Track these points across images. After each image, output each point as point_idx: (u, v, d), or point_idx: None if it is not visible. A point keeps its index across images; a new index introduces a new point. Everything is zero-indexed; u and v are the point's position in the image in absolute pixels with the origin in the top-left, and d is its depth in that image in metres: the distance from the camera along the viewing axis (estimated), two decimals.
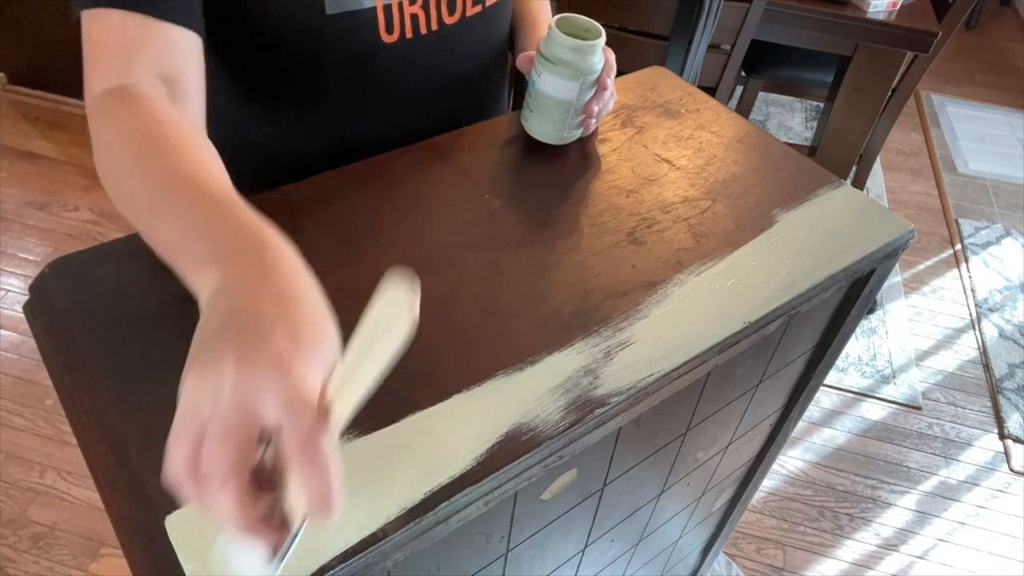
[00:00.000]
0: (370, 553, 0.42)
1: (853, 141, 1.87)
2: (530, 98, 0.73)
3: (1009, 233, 2.45)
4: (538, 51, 0.70)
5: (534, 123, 0.74)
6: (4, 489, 1.51)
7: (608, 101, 0.74)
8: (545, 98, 0.71)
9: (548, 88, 0.70)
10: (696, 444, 0.76)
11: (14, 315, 1.84)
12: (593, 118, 0.73)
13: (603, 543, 0.78)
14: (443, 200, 0.67)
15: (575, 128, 0.74)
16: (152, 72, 0.55)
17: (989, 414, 1.89)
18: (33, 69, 2.48)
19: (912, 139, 2.88)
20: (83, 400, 0.51)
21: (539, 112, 0.73)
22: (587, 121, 0.73)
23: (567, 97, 0.70)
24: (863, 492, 1.69)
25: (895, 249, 0.69)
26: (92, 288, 0.56)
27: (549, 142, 0.75)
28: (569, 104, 0.71)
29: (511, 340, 0.55)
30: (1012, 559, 1.60)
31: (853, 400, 1.88)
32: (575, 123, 0.73)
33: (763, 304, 0.60)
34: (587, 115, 0.72)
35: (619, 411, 0.53)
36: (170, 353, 0.52)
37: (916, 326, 2.10)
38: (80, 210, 2.16)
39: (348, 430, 0.48)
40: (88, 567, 1.41)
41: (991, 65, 3.39)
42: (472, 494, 0.46)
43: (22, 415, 1.64)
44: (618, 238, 0.65)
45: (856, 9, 1.64)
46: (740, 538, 1.58)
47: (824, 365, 0.83)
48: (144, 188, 0.48)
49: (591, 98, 0.71)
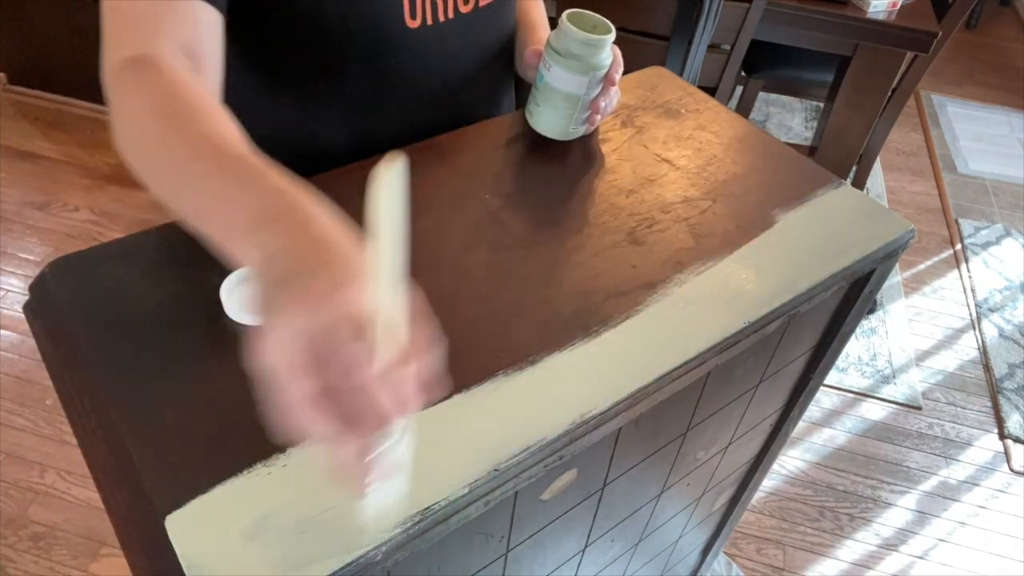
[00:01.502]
0: (369, 553, 0.42)
1: (853, 141, 1.87)
2: (537, 92, 0.74)
3: (1009, 233, 2.45)
4: (548, 44, 0.71)
5: (540, 118, 0.74)
6: (4, 489, 1.51)
7: (613, 98, 0.75)
8: (554, 91, 0.72)
9: (558, 81, 0.71)
10: (696, 444, 0.76)
11: (14, 315, 1.84)
12: (599, 114, 0.73)
13: (603, 543, 0.78)
14: (444, 200, 0.67)
15: (581, 124, 0.74)
16: (176, 44, 0.55)
17: (989, 414, 1.89)
18: (33, 69, 2.48)
19: (912, 139, 2.88)
20: (83, 400, 0.51)
21: (546, 106, 0.73)
22: (592, 117, 0.73)
23: (576, 91, 0.71)
24: (863, 492, 1.69)
25: (895, 249, 0.69)
26: (92, 288, 0.56)
27: (554, 137, 0.75)
28: (577, 98, 0.71)
29: (511, 340, 0.55)
30: (1012, 559, 1.60)
31: (853, 400, 1.88)
32: (581, 119, 0.73)
33: (763, 304, 0.60)
34: (593, 111, 0.73)
35: (619, 411, 0.53)
36: (170, 353, 0.52)
37: (916, 326, 2.10)
38: (80, 210, 2.16)
39: None
40: (88, 567, 1.41)
41: (991, 65, 3.39)
42: (472, 494, 0.46)
43: (22, 415, 1.64)
44: (618, 238, 0.65)
45: (856, 9, 1.64)
46: (740, 538, 1.58)
47: (824, 365, 0.83)
48: (170, 154, 0.48)
49: (598, 94, 0.72)
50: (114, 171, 2.31)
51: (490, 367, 0.53)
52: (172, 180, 0.48)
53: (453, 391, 0.51)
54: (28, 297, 0.58)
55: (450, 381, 0.51)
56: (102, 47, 0.56)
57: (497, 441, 0.48)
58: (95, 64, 0.57)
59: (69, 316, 0.54)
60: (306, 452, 0.47)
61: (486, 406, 0.50)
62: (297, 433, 0.35)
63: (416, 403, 0.37)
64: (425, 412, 0.50)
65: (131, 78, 0.52)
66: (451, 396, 0.51)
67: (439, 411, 0.50)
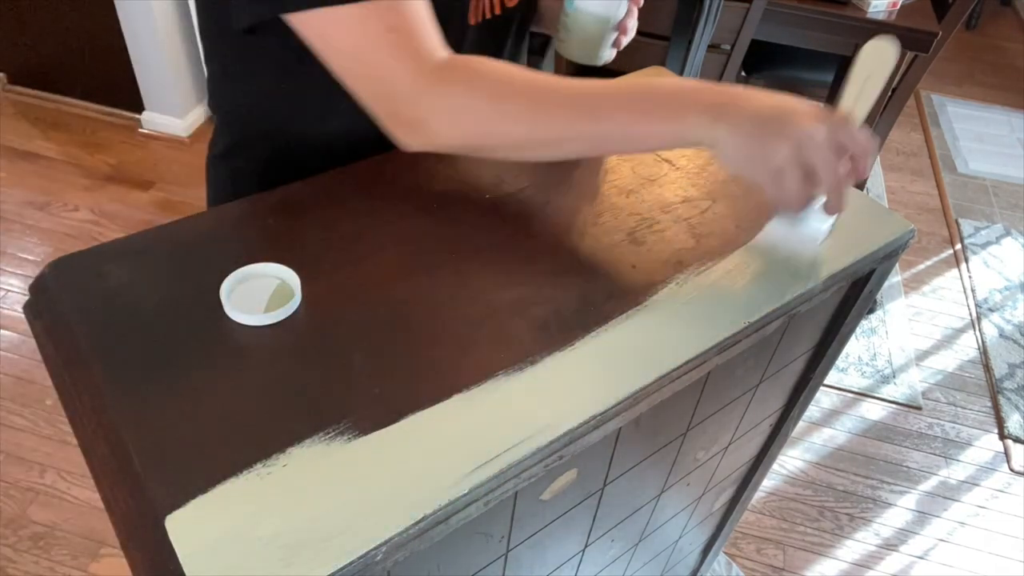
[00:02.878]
0: (370, 553, 0.42)
1: None
2: (567, 20, 0.75)
3: (1009, 233, 2.45)
4: None
5: (572, 47, 0.76)
6: (4, 489, 1.52)
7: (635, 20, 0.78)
8: (586, 16, 0.74)
9: (591, 5, 0.73)
10: (696, 444, 0.76)
11: (14, 315, 1.85)
12: (625, 35, 0.75)
13: (603, 543, 0.78)
14: (444, 200, 0.67)
15: (608, 45, 0.76)
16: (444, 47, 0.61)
17: (989, 414, 1.89)
18: (33, 69, 2.48)
19: (912, 139, 2.88)
20: (83, 400, 0.51)
21: (578, 33, 0.75)
22: (619, 39, 0.76)
23: (608, 13, 0.73)
24: (863, 492, 1.69)
25: (895, 249, 0.69)
26: (92, 288, 0.56)
27: (585, 63, 0.77)
28: (608, 20, 0.74)
29: (511, 340, 0.55)
30: (1012, 559, 1.60)
31: (853, 400, 1.88)
32: (609, 39, 0.75)
33: (763, 304, 0.60)
34: (620, 32, 0.75)
35: (619, 411, 0.53)
36: (170, 353, 0.52)
37: (916, 326, 2.10)
38: (80, 210, 2.16)
39: (346, 431, 0.48)
40: (88, 567, 1.41)
41: (991, 65, 3.39)
42: (472, 494, 0.46)
43: (22, 415, 1.65)
44: (618, 238, 0.65)
45: (856, 9, 1.64)
46: (740, 538, 1.58)
47: (824, 365, 0.83)
48: (570, 107, 0.58)
49: (625, 15, 0.74)
50: (114, 171, 2.31)
51: (490, 367, 0.53)
52: (585, 124, 0.59)
53: (453, 391, 0.51)
54: (28, 297, 0.58)
55: (449, 381, 0.51)
56: (399, 64, 0.58)
57: (497, 441, 0.48)
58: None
59: (69, 316, 0.54)
60: (305, 451, 0.47)
61: (486, 406, 0.50)
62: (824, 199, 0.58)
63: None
64: (425, 412, 0.50)
65: (462, 76, 0.59)
66: (451, 396, 0.51)
67: (439, 411, 0.50)
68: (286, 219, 0.63)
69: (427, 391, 0.51)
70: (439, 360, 0.53)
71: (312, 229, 0.62)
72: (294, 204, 0.65)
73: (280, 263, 0.58)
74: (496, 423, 0.49)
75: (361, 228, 0.63)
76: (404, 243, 0.62)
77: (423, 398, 0.50)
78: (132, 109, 2.45)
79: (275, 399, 0.49)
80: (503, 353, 0.54)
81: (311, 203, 0.65)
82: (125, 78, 2.35)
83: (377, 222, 0.64)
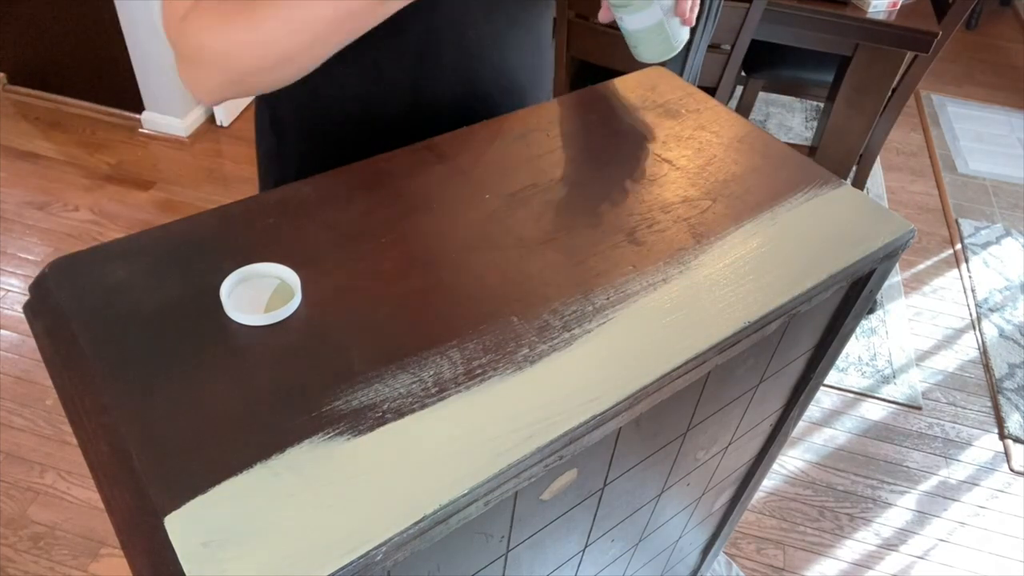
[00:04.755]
0: (370, 553, 0.42)
1: (853, 141, 1.87)
2: (627, 36, 0.77)
3: (1009, 233, 2.45)
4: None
5: (644, 54, 0.77)
6: (4, 489, 1.52)
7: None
8: (638, 32, 0.75)
9: (634, 25, 0.74)
10: (696, 444, 0.76)
11: (14, 315, 1.85)
12: (688, 12, 0.76)
13: (603, 543, 0.78)
14: (443, 200, 0.67)
15: (678, 31, 0.76)
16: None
17: (989, 414, 1.89)
18: (33, 69, 2.48)
19: (912, 139, 2.88)
20: (83, 400, 0.51)
21: (642, 44, 0.76)
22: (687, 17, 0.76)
23: (653, 22, 0.74)
24: (863, 492, 1.69)
25: (895, 249, 0.69)
26: (92, 288, 0.56)
27: (669, 57, 0.78)
28: (659, 25, 0.74)
29: (511, 340, 0.55)
30: (1012, 559, 1.60)
31: (853, 400, 1.88)
32: (675, 29, 0.76)
33: (763, 304, 0.60)
34: (679, 14, 0.75)
35: (619, 411, 0.53)
36: (170, 353, 0.52)
37: (916, 326, 2.10)
38: (80, 210, 2.16)
39: (346, 431, 0.48)
40: (88, 567, 1.41)
41: (991, 65, 3.39)
42: (472, 494, 0.46)
43: (22, 415, 1.65)
44: (618, 238, 0.65)
45: (856, 9, 1.64)
46: (740, 538, 1.58)
47: (824, 365, 0.83)
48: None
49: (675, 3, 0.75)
50: (114, 171, 2.31)
51: (490, 367, 0.53)
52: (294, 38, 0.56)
53: (453, 391, 0.51)
54: (28, 297, 0.58)
55: (450, 381, 0.51)
56: (164, 8, 0.60)
57: (497, 441, 0.48)
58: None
59: (69, 316, 0.54)
60: (305, 451, 0.47)
61: (486, 406, 0.50)
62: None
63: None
64: (425, 412, 0.50)
65: (197, 15, 0.57)
66: (451, 396, 0.51)
67: (439, 411, 0.50)
68: (286, 219, 0.63)
69: (427, 391, 0.51)
70: (438, 360, 0.53)
71: (312, 229, 0.62)
72: (294, 204, 0.65)
73: (280, 263, 0.58)
74: (496, 423, 0.49)
75: (361, 228, 0.63)
76: (403, 243, 0.62)
77: (423, 398, 0.50)
78: (132, 109, 2.45)
79: (275, 399, 0.49)
80: (503, 352, 0.54)
81: (311, 203, 0.65)
82: (125, 78, 2.35)
83: (377, 222, 0.64)
